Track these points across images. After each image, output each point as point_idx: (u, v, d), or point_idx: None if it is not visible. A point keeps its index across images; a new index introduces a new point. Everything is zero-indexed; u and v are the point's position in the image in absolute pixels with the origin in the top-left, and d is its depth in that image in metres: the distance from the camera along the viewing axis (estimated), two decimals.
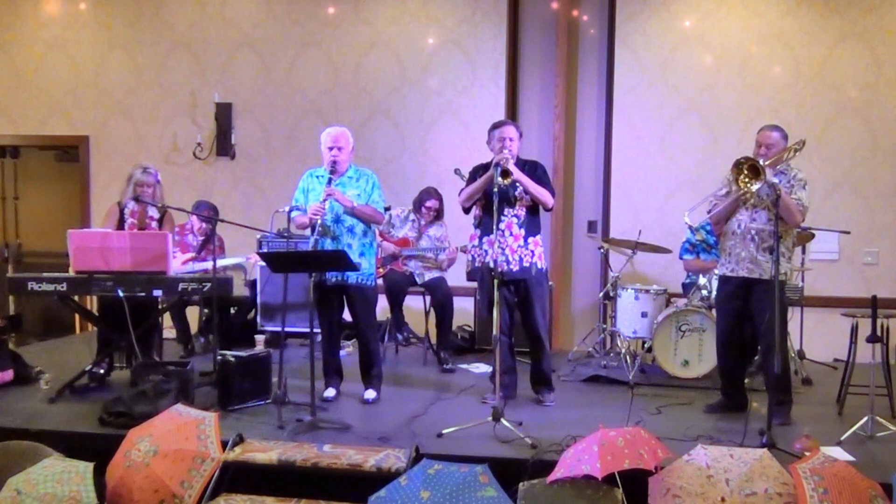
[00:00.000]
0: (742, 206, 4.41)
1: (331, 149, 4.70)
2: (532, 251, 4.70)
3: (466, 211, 4.86)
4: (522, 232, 4.68)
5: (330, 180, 4.61)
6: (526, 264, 4.67)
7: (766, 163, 4.19)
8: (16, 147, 7.94)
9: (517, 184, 4.58)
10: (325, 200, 4.54)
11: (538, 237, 4.76)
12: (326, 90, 7.26)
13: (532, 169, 4.72)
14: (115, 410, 4.14)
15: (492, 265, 4.37)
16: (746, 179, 4.16)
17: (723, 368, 4.71)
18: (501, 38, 6.95)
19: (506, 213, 4.64)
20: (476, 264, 4.78)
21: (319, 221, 4.58)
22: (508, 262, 4.63)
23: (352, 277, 4.65)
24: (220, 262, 5.70)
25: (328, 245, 4.65)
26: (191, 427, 3.65)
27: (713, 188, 4.66)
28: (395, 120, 7.17)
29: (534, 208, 4.73)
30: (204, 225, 6.14)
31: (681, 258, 5.93)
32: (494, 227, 4.30)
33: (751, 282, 4.39)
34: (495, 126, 4.74)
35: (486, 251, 4.66)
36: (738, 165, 4.18)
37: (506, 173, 4.39)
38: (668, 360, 5.44)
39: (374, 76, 7.18)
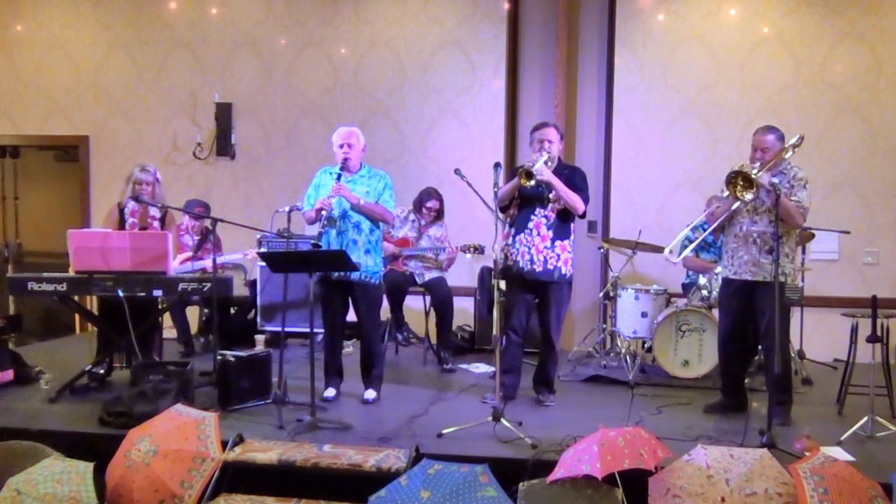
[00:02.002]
0: (744, 209, 4.40)
1: (341, 146, 4.75)
2: (558, 255, 4.68)
3: (503, 210, 4.84)
4: (550, 234, 4.66)
5: (339, 176, 4.65)
6: (550, 267, 4.65)
7: (760, 171, 4.18)
8: (16, 147, 7.94)
9: (550, 186, 4.59)
10: (331, 196, 4.58)
11: (567, 242, 4.73)
12: (326, 90, 7.26)
13: (570, 174, 4.73)
14: (115, 410, 4.14)
15: (515, 265, 4.38)
16: (742, 190, 4.17)
17: (723, 368, 4.71)
18: (501, 38, 6.96)
19: (536, 212, 4.66)
20: (507, 263, 4.76)
21: (325, 214, 4.61)
22: (533, 262, 4.63)
23: (356, 274, 4.66)
24: (218, 260, 5.69)
25: (333, 238, 4.68)
26: (191, 427, 3.65)
27: (713, 188, 4.66)
28: (395, 120, 7.17)
29: (565, 213, 4.70)
30: (197, 223, 6.13)
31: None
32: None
33: (753, 283, 4.39)
34: (536, 128, 4.77)
35: (517, 249, 4.67)
36: (731, 180, 4.18)
37: (529, 175, 4.41)
38: (668, 360, 5.44)
39: (374, 76, 7.18)
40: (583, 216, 4.78)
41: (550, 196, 4.65)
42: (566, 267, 4.72)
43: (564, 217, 4.72)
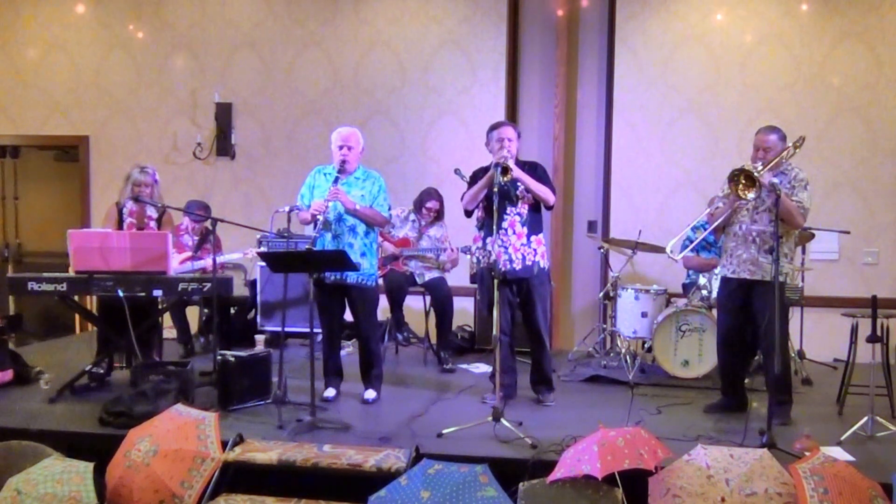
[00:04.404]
0: (743, 209, 4.40)
1: (340, 147, 4.72)
2: (535, 250, 4.70)
3: (468, 214, 4.86)
4: (525, 230, 4.68)
5: (336, 179, 4.63)
6: (529, 263, 4.67)
7: (763, 170, 4.18)
8: (16, 147, 7.94)
9: (518, 182, 4.59)
10: (328, 200, 4.56)
11: (540, 236, 4.78)
12: (326, 90, 7.26)
13: (532, 169, 4.73)
14: (115, 410, 4.14)
15: (495, 264, 4.38)
16: (744, 189, 4.17)
17: (723, 368, 4.71)
18: (501, 38, 6.95)
19: (508, 211, 4.65)
20: (481, 266, 4.77)
21: (321, 218, 4.60)
22: (511, 261, 4.63)
23: (351, 277, 4.65)
24: (218, 259, 5.69)
25: (328, 241, 4.67)
26: (191, 427, 3.65)
27: (713, 188, 4.65)
28: (395, 120, 7.17)
29: (536, 207, 4.74)
30: (197, 224, 6.13)
31: None
32: (495, 227, 4.31)
33: (752, 283, 4.39)
34: (493, 127, 4.75)
35: (489, 252, 4.67)
36: (733, 178, 4.18)
37: (505, 170, 4.39)
38: (668, 360, 5.44)
39: (374, 76, 7.18)
40: (551, 208, 4.80)
41: (518, 193, 4.66)
42: (544, 260, 4.75)
43: (536, 210, 4.75)
